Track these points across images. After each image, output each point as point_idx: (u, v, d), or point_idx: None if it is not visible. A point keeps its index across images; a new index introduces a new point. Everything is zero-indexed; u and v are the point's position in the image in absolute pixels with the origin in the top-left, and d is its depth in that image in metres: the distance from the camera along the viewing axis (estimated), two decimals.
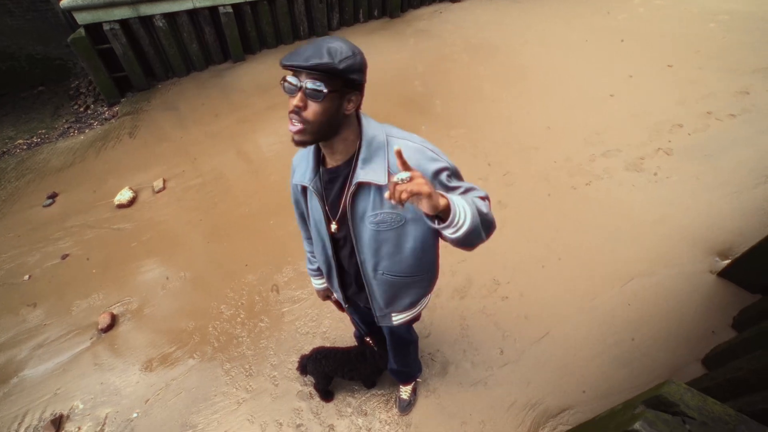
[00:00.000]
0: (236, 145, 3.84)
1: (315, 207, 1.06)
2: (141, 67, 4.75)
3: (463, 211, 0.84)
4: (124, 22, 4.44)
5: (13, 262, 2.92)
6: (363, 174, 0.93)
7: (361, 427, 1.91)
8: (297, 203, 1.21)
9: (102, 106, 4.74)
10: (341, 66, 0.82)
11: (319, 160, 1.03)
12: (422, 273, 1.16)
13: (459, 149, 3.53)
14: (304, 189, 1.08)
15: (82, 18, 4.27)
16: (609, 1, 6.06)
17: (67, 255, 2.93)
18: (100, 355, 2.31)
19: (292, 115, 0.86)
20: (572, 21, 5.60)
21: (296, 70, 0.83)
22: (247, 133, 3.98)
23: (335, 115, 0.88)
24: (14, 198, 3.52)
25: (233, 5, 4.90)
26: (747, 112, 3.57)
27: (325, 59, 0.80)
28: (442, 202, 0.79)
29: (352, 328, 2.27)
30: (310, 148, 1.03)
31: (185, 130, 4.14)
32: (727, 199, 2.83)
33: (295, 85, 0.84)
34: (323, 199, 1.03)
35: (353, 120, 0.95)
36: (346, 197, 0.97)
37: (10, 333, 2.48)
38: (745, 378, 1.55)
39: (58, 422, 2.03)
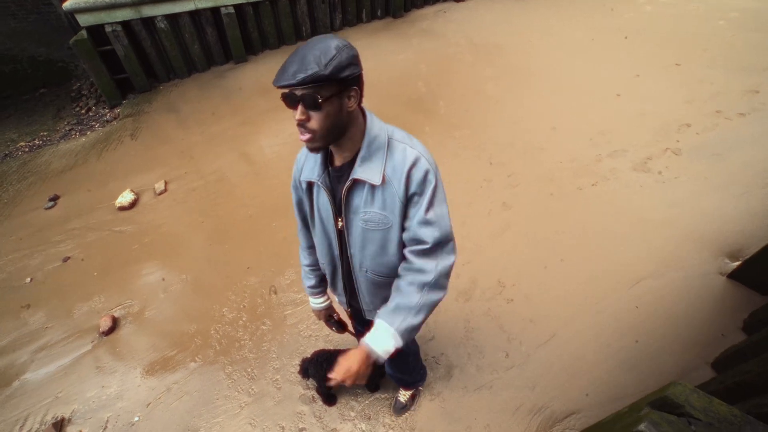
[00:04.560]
0: (238, 147, 3.83)
1: (323, 202, 1.07)
2: (142, 69, 4.75)
3: (409, 330, 0.98)
4: (125, 24, 4.44)
5: (15, 265, 2.92)
6: (360, 171, 0.95)
7: (364, 431, 1.89)
8: (299, 204, 1.20)
9: (103, 108, 4.75)
10: (328, 70, 0.81)
11: (327, 158, 1.04)
12: None
13: (463, 150, 3.50)
14: (310, 185, 1.09)
15: (84, 20, 4.27)
16: (617, 0, 6.00)
17: (68, 258, 2.92)
18: (102, 359, 2.30)
19: (299, 127, 0.89)
20: (578, 20, 5.56)
21: (287, 88, 0.83)
22: (249, 135, 3.97)
23: (339, 117, 0.89)
24: (16, 200, 3.52)
25: (235, 6, 4.89)
26: (757, 111, 3.52)
27: (310, 69, 0.80)
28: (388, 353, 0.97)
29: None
30: None
31: (187, 132, 4.13)
32: (736, 200, 2.78)
33: (293, 99, 0.85)
34: (332, 194, 1.04)
35: (358, 116, 0.95)
36: (343, 190, 1.00)
37: (12, 336, 2.47)
38: (754, 381, 1.52)
39: (59, 425, 2.02)
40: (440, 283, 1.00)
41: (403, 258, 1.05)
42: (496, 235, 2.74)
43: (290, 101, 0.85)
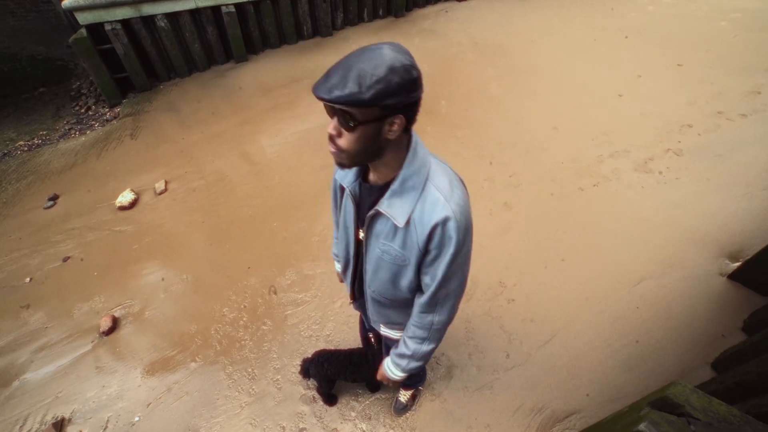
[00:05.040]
0: (239, 147, 3.82)
1: (348, 209, 1.05)
2: (143, 68, 4.73)
3: (406, 368, 1.17)
4: (125, 22, 4.42)
5: (14, 264, 2.91)
6: (387, 206, 0.90)
7: (365, 431, 1.89)
8: (334, 193, 1.17)
9: (103, 107, 4.72)
10: (368, 95, 0.71)
11: (363, 167, 0.99)
12: (412, 305, 1.14)
13: (465, 150, 3.50)
14: (342, 188, 1.05)
15: (83, 18, 4.25)
16: (618, 0, 5.99)
17: (68, 257, 2.91)
18: (102, 359, 2.30)
19: (329, 140, 0.83)
20: (580, 20, 5.55)
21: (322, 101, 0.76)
22: (250, 135, 3.96)
23: (374, 142, 0.81)
24: (15, 200, 3.51)
25: (236, 4, 4.87)
26: (758, 111, 3.53)
27: (348, 89, 0.70)
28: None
29: (355, 331, 2.24)
30: None
31: (187, 131, 4.12)
32: (737, 201, 2.79)
33: (331, 109, 0.77)
34: (358, 206, 1.01)
35: (400, 143, 0.86)
36: (367, 216, 0.96)
37: (11, 336, 2.46)
38: (754, 381, 1.53)
39: (59, 425, 2.02)
40: (434, 337, 1.10)
41: (411, 292, 1.06)
42: (497, 235, 2.73)
43: (328, 110, 0.78)
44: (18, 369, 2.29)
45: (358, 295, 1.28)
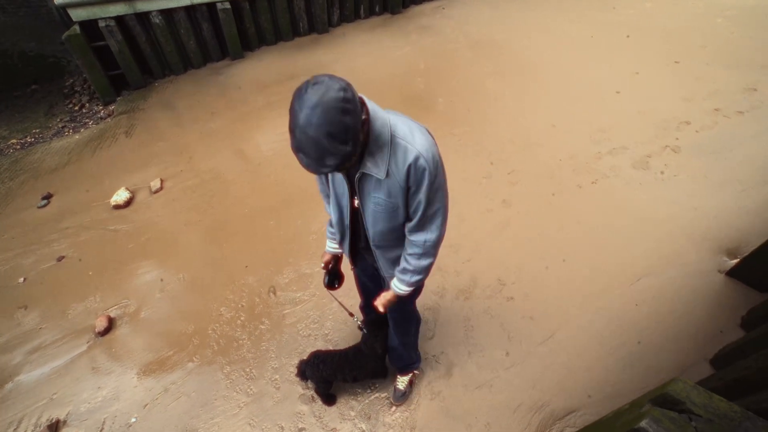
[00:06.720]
0: (235, 144, 3.78)
1: (339, 182, 1.18)
2: (137, 65, 4.67)
3: (409, 284, 1.31)
4: (119, 19, 4.36)
5: (8, 264, 2.87)
6: (368, 166, 1.05)
7: (364, 431, 1.88)
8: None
9: (97, 104, 4.66)
10: (350, 146, 0.88)
11: None
12: None
13: (463, 148, 3.48)
14: None
15: (76, 14, 4.19)
16: None
17: (62, 257, 2.88)
18: (97, 359, 2.27)
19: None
20: (577, 16, 5.54)
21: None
22: (246, 132, 3.92)
23: (359, 147, 0.96)
24: (8, 199, 3.46)
25: (231, 1, 4.82)
26: (755, 108, 3.54)
27: (339, 153, 0.86)
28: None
29: (355, 330, 2.23)
30: None
31: (182, 129, 4.08)
32: (735, 197, 2.80)
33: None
34: (347, 175, 1.13)
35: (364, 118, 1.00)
36: (355, 179, 1.11)
37: (5, 337, 2.43)
38: (753, 377, 1.53)
39: (54, 427, 2.00)
40: (429, 252, 1.23)
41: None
42: (495, 233, 2.73)
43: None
44: (12, 370, 2.27)
45: (361, 257, 1.46)
